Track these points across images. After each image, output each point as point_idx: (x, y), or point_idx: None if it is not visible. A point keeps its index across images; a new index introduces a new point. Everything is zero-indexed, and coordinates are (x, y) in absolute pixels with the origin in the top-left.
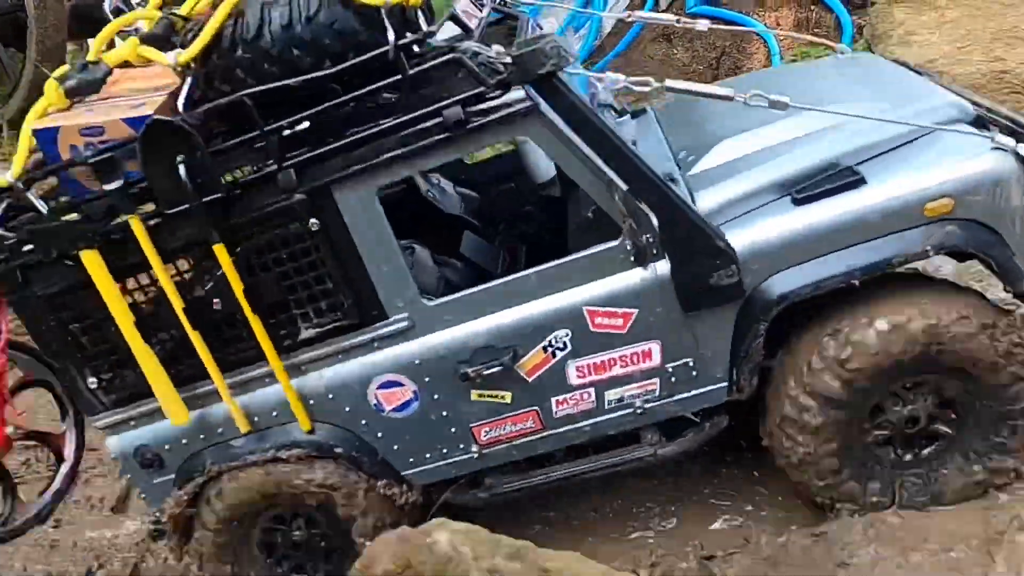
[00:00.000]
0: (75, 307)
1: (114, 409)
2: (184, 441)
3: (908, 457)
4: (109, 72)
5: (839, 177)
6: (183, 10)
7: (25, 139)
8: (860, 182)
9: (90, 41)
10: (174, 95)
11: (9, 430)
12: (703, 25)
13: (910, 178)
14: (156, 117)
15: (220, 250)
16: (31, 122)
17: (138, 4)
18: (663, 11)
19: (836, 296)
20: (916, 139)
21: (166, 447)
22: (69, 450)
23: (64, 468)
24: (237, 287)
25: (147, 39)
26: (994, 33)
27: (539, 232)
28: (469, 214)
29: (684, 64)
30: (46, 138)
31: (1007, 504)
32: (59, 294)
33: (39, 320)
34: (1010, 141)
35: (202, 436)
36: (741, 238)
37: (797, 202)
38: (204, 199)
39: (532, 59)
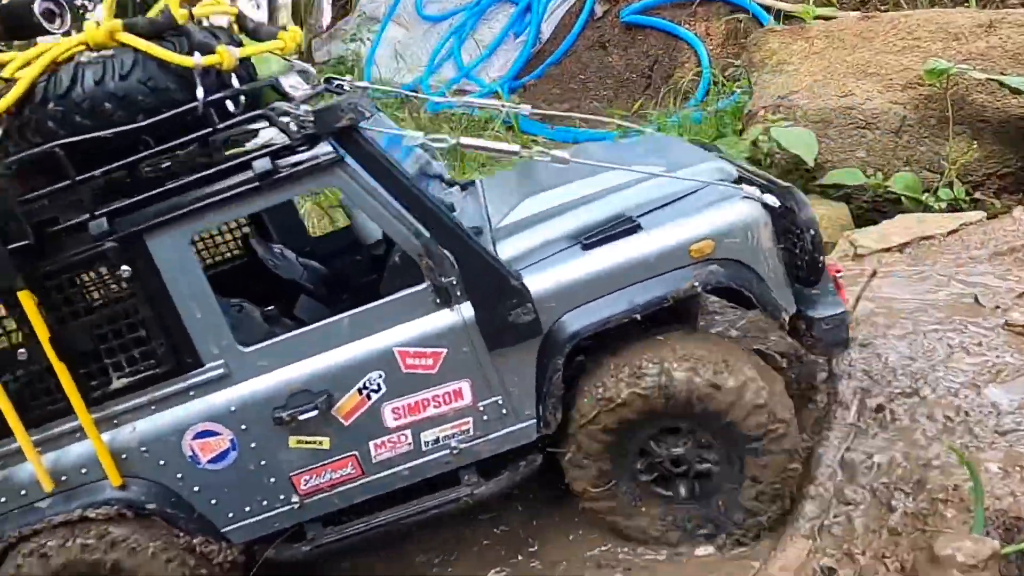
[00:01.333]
0: None
1: None
2: None
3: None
4: None
5: (619, 225)
6: (6, 72)
7: None
8: (637, 229)
9: None
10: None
11: None
12: (525, 110)
13: (677, 225)
14: None
15: (25, 297)
16: None
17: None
18: (598, 18)
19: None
20: (685, 196)
21: None
22: None
23: None
24: (43, 335)
25: None
26: (849, 66)
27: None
28: (315, 283)
29: (619, 72)
30: None
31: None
32: None
33: None
34: (755, 191)
35: (3, 499)
36: (537, 280)
37: (585, 247)
38: (9, 246)
39: (331, 114)
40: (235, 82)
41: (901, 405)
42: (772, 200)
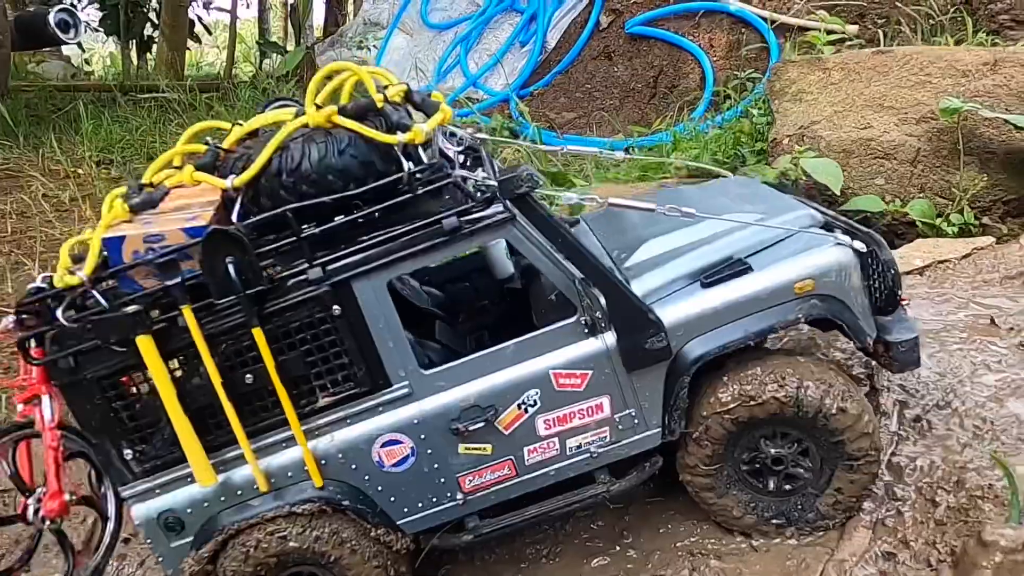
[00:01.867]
0: (121, 387)
1: (143, 478)
2: (205, 504)
3: (787, 487)
4: (167, 193)
5: (733, 267)
6: (225, 144)
7: (95, 246)
8: (748, 270)
9: None
10: (218, 209)
11: (67, 497)
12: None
13: (783, 266)
14: (216, 226)
15: (258, 333)
16: (100, 232)
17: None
18: (603, 28)
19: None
20: (783, 240)
21: (188, 511)
22: (111, 510)
23: (110, 526)
24: (270, 364)
25: (200, 167)
26: (866, 99)
27: (498, 320)
28: (436, 308)
29: (624, 82)
30: (113, 245)
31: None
32: (107, 376)
33: (85, 401)
34: (847, 239)
35: (223, 499)
36: (668, 312)
37: (705, 286)
38: (248, 291)
39: (513, 183)
40: (420, 153)
41: (936, 416)
42: (861, 246)
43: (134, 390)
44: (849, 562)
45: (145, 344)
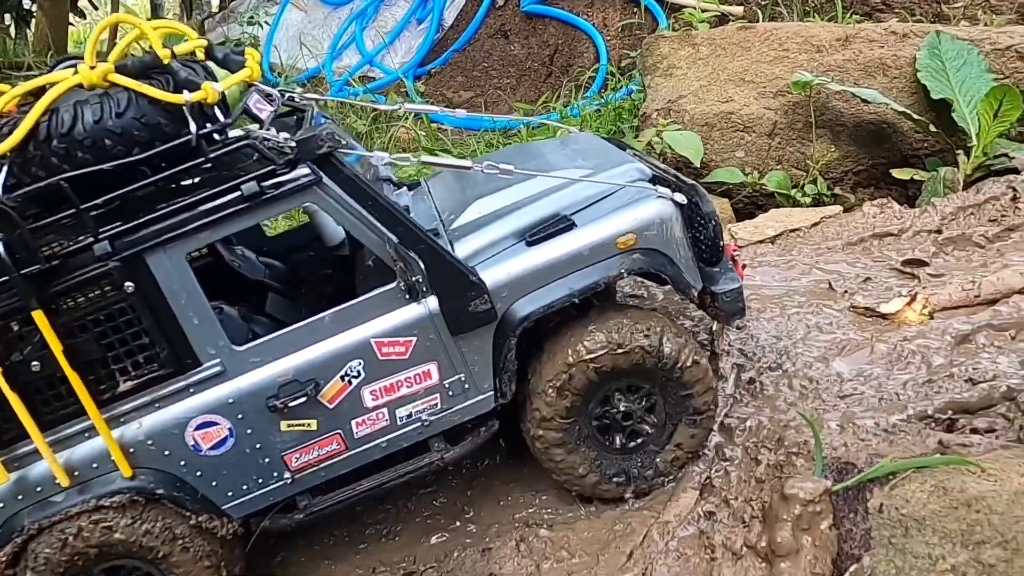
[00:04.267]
0: None
1: None
2: (0, 505)
3: (631, 444)
4: None
5: (557, 224)
6: None
7: None
8: (572, 226)
9: None
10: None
11: None
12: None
13: (605, 222)
14: None
15: (39, 316)
16: None
17: None
18: (500, 7)
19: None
20: (609, 195)
21: None
22: None
23: None
24: (56, 349)
25: None
26: (730, 74)
27: (336, 290)
28: (274, 280)
29: (521, 60)
30: None
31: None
32: None
33: None
34: (667, 191)
35: (19, 497)
36: (491, 274)
37: (529, 244)
38: (22, 271)
39: (312, 142)
40: (218, 113)
41: (768, 377)
42: (681, 198)
43: None
44: (673, 523)
45: None
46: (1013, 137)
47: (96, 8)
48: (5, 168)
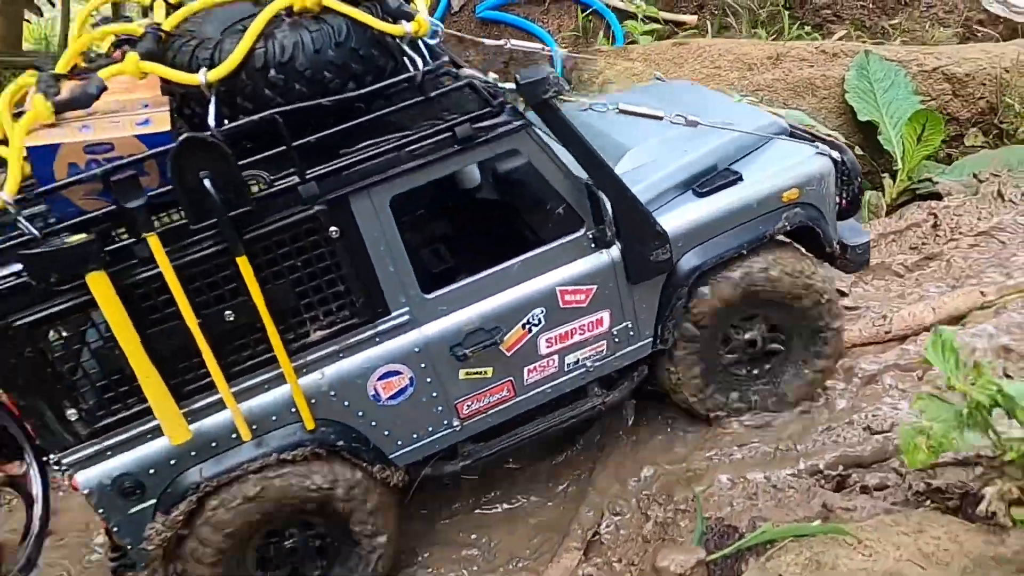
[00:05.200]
0: (62, 335)
1: (88, 441)
2: (172, 462)
3: (756, 372)
4: (104, 88)
5: (725, 176)
6: (166, 25)
7: (17, 157)
8: (740, 179)
9: None
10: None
11: None
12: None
13: (771, 175)
14: (191, 134)
15: (243, 262)
16: (19, 138)
17: None
18: (455, 12)
19: None
20: (757, 148)
21: (150, 472)
22: (36, 490)
23: (37, 510)
24: (258, 297)
25: (146, 55)
26: None
27: (457, 233)
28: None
29: (477, 66)
30: (42, 156)
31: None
32: (42, 322)
33: (10, 354)
34: (827, 148)
35: (193, 453)
36: (668, 223)
37: (699, 195)
38: (231, 213)
39: (538, 87)
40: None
41: (668, 422)
42: (837, 155)
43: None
44: None
45: (99, 282)
46: (941, 159)
47: (53, 5)
48: (213, 99)
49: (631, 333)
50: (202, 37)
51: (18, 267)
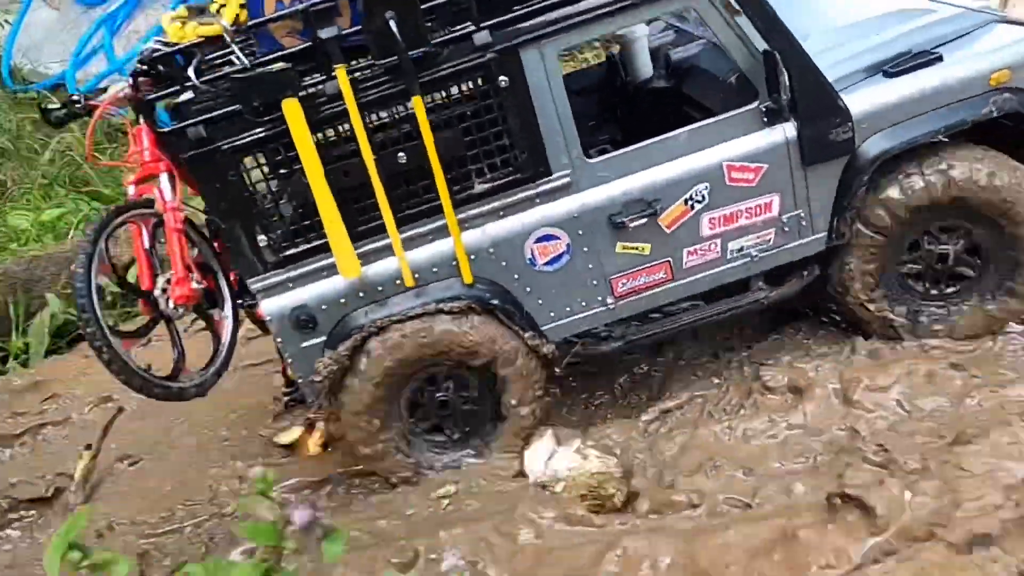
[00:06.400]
0: (259, 161)
1: (275, 270)
2: (342, 300)
3: (934, 292)
4: None
5: (921, 56)
6: None
7: None
8: (938, 60)
9: None
10: None
11: (195, 285)
12: None
13: (977, 55)
14: None
15: (418, 102)
16: None
17: None
18: None
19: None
20: (973, 31)
21: (322, 307)
22: (226, 335)
23: (223, 350)
24: (428, 140)
25: None
26: None
27: (625, 133)
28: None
29: None
30: None
31: None
32: (244, 148)
33: (215, 178)
34: None
35: (361, 295)
36: (853, 101)
37: (889, 75)
38: (411, 52)
39: None
40: None
41: None
42: None
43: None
44: None
45: (292, 109)
46: None
47: None
48: None
49: (803, 223)
50: None
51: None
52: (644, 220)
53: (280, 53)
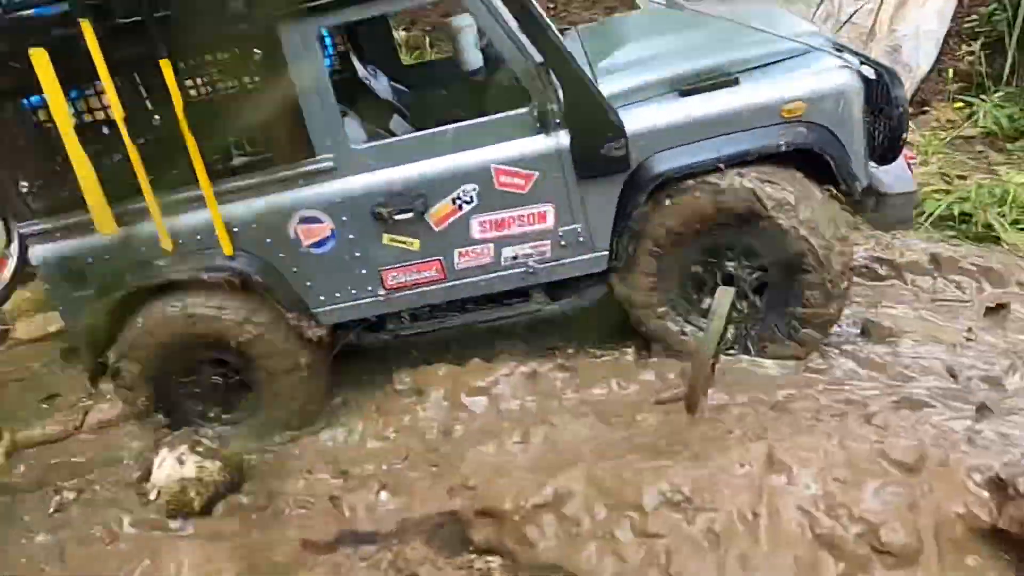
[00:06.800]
0: (13, 109)
1: (42, 217)
2: (106, 257)
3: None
4: None
5: (718, 77)
6: None
7: None
8: (735, 82)
9: None
10: None
11: None
12: None
13: (773, 83)
14: None
15: (165, 65)
16: None
17: None
18: None
19: None
20: (785, 59)
21: (88, 260)
22: (6, 273)
23: (11, 260)
24: (177, 102)
25: None
26: None
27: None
28: (402, 106)
29: None
30: None
31: None
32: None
33: None
34: (856, 61)
35: (125, 253)
36: (632, 119)
37: (682, 94)
38: (156, 13)
39: None
40: None
41: None
42: (870, 71)
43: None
44: None
45: (39, 59)
46: None
47: None
48: None
49: (581, 239)
50: None
51: None
52: (409, 214)
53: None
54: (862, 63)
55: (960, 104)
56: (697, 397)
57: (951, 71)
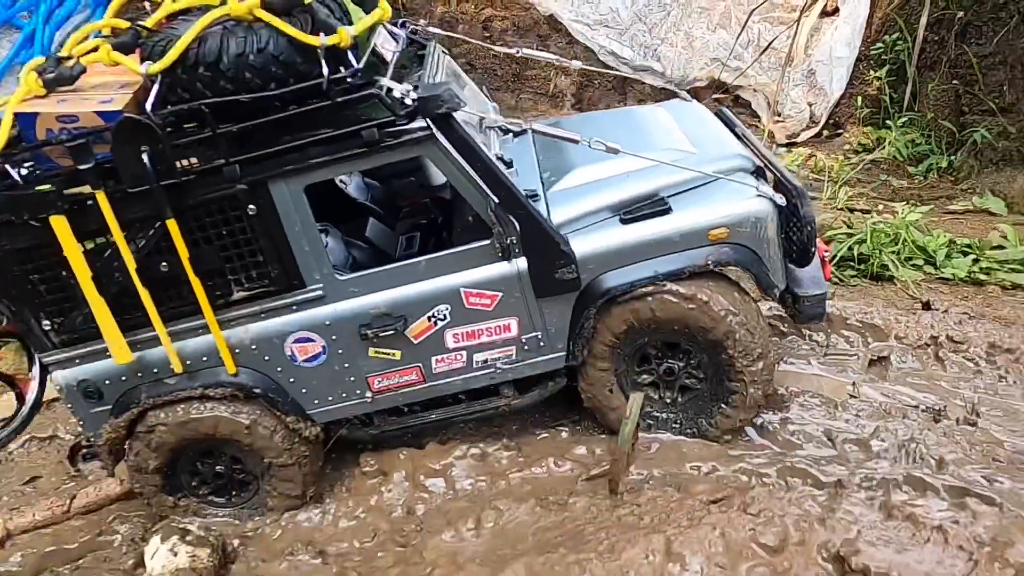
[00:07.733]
0: (37, 261)
1: (62, 348)
2: (123, 378)
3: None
4: (84, 71)
5: (653, 206)
6: (150, 22)
7: (7, 120)
8: (668, 210)
9: None
10: (137, 95)
11: None
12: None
13: (700, 211)
14: (128, 114)
15: (172, 224)
16: (12, 106)
17: None
18: None
19: None
20: (712, 181)
21: (106, 382)
22: (31, 395)
23: (24, 409)
24: (183, 254)
25: (117, 46)
26: None
27: (430, 224)
28: (372, 200)
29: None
30: (26, 121)
31: None
32: (24, 250)
33: (4, 271)
34: (769, 190)
35: (139, 374)
36: (582, 245)
37: (623, 221)
38: (162, 183)
39: (433, 101)
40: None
41: None
42: (781, 200)
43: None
44: None
45: (58, 224)
46: None
47: None
48: (156, 87)
49: (542, 344)
50: (171, 36)
51: None
52: (391, 333)
53: (50, 174)
54: (776, 185)
55: (870, 127)
56: (617, 481)
57: (860, 97)
